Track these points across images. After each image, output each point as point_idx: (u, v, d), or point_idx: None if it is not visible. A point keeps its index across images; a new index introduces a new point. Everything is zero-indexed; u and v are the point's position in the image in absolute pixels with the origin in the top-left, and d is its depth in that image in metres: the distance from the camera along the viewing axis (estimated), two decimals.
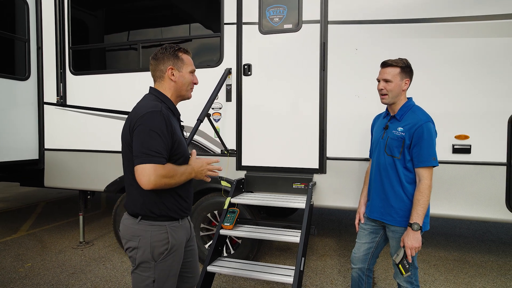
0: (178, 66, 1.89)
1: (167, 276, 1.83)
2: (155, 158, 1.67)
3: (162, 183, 1.68)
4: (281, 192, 3.64)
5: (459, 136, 3.13)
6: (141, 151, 1.67)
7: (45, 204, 7.29)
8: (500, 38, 3.03)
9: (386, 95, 2.30)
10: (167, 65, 1.87)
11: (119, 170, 4.22)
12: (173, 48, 1.89)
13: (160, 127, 1.71)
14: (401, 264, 2.16)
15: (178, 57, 1.89)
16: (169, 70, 1.88)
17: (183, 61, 1.90)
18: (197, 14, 4.09)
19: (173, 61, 1.88)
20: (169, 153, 1.76)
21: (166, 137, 1.73)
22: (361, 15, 3.35)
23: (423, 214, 2.14)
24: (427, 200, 2.14)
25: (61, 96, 4.42)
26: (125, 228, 1.86)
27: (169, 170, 1.71)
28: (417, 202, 2.15)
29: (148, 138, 1.68)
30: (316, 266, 4.02)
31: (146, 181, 1.65)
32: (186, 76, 1.91)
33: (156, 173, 1.65)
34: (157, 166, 1.66)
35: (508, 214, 3.06)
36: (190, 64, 1.93)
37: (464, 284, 3.56)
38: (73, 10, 4.42)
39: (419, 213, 2.13)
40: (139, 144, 1.69)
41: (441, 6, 3.14)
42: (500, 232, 5.32)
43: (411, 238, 2.13)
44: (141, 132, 1.70)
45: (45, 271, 3.84)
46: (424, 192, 2.14)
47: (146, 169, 1.64)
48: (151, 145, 1.67)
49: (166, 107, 1.84)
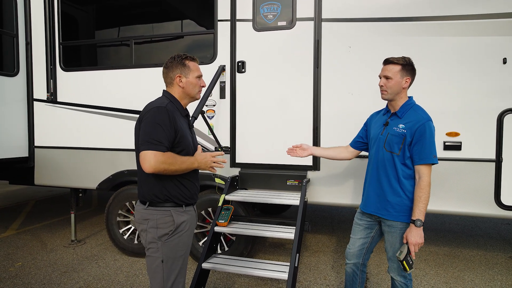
0: (185, 73, 2.12)
1: (174, 256, 2.02)
2: (156, 146, 1.89)
3: (162, 168, 1.89)
4: (275, 189, 3.65)
5: (450, 133, 3.19)
6: (144, 139, 1.91)
7: (35, 202, 7.18)
8: (490, 37, 3.08)
9: (386, 91, 2.33)
10: (176, 73, 2.11)
11: (111, 168, 4.18)
12: (181, 57, 2.12)
13: (163, 120, 1.94)
14: (405, 261, 2.19)
15: (185, 65, 2.12)
16: (177, 77, 2.11)
17: (189, 68, 2.13)
18: (191, 10, 4.06)
19: (180, 69, 2.11)
20: (171, 144, 1.97)
21: (168, 129, 1.94)
22: (354, 13, 3.37)
23: (425, 210, 2.18)
24: (427, 196, 2.18)
25: (52, 93, 4.34)
26: (137, 213, 2.10)
27: (169, 157, 1.92)
28: (419, 199, 2.18)
29: (151, 129, 1.92)
30: (309, 262, 4.05)
31: (147, 166, 1.87)
32: (193, 81, 2.14)
33: (156, 159, 1.87)
34: (157, 152, 1.88)
35: (496, 210, 3.13)
36: (196, 70, 2.16)
37: (454, 278, 3.64)
38: (63, 5, 4.34)
39: (421, 210, 2.17)
40: (144, 134, 1.93)
41: (433, 5, 3.18)
42: (488, 227, 5.44)
43: (414, 234, 2.17)
44: (146, 124, 1.94)
45: (36, 270, 3.79)
46: (425, 189, 2.18)
47: (147, 155, 1.87)
48: (154, 135, 1.90)
49: (173, 105, 2.07)
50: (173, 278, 2.03)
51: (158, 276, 2.01)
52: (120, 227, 4.21)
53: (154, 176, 1.99)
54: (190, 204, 2.14)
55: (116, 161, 4.15)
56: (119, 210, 4.17)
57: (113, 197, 4.21)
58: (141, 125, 1.97)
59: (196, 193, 2.18)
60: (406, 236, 2.21)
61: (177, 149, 2.00)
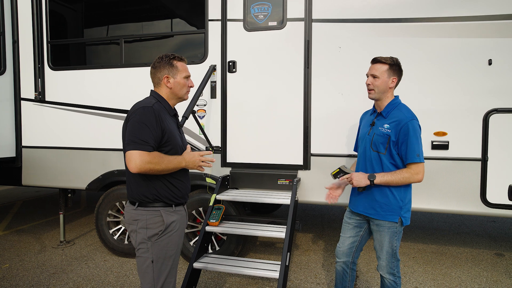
0: (173, 74, 2.10)
1: (164, 256, 2.02)
2: (142, 146, 1.88)
3: (147, 168, 1.88)
4: (266, 189, 3.67)
5: (437, 133, 3.25)
6: (130, 139, 1.90)
7: (22, 203, 7.06)
8: (476, 39, 3.15)
9: (373, 90, 2.36)
10: (163, 73, 2.09)
11: (101, 168, 4.14)
12: (168, 57, 2.10)
13: (149, 120, 1.93)
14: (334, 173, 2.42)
15: (172, 65, 2.10)
16: (164, 78, 2.10)
17: (177, 68, 2.11)
18: (182, 10, 4.05)
19: (168, 69, 2.09)
20: (158, 143, 1.96)
21: (154, 129, 1.93)
22: (344, 14, 3.41)
23: (386, 182, 2.26)
24: (400, 180, 2.25)
25: (40, 92, 4.28)
26: (126, 214, 2.09)
27: (154, 156, 1.91)
28: (395, 173, 2.27)
29: (137, 129, 1.91)
30: (300, 260, 4.08)
31: (133, 166, 1.87)
32: (181, 82, 2.12)
33: (141, 159, 1.86)
34: (142, 152, 1.87)
35: (482, 207, 3.20)
36: (184, 71, 2.14)
37: (442, 275, 3.71)
38: (51, 3, 4.27)
39: (385, 177, 2.26)
40: (129, 133, 1.92)
41: (421, 7, 3.24)
42: (474, 224, 5.56)
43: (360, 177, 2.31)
44: (133, 124, 1.93)
45: (24, 272, 3.74)
46: (406, 176, 2.25)
47: (133, 155, 1.87)
48: (140, 135, 1.89)
49: (160, 105, 2.06)
50: (163, 278, 2.03)
51: (148, 276, 2.01)
52: (110, 228, 4.17)
53: (143, 176, 1.98)
54: (180, 204, 2.13)
55: (105, 161, 4.11)
56: (109, 210, 4.14)
57: (103, 197, 4.17)
58: (127, 125, 1.96)
59: (186, 193, 2.18)
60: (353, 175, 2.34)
61: (165, 149, 2.00)
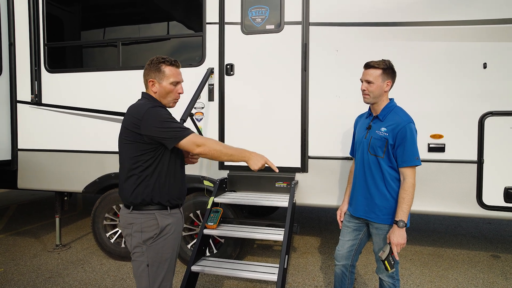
0: (159, 78, 2.03)
1: (159, 260, 2.00)
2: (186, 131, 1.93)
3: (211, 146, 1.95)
4: (264, 191, 3.67)
5: (434, 136, 3.27)
6: (171, 135, 1.90)
7: (17, 206, 7.00)
8: (471, 43, 3.18)
9: (368, 95, 2.37)
10: (149, 77, 2.05)
11: (98, 171, 4.12)
12: (158, 61, 2.03)
13: (167, 114, 1.98)
14: (387, 261, 2.22)
15: (159, 70, 2.02)
16: (149, 82, 2.05)
17: (164, 73, 2.03)
18: (179, 12, 4.05)
19: (154, 73, 2.03)
20: None
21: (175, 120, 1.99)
22: (341, 18, 3.43)
23: (408, 211, 2.22)
24: (411, 198, 2.22)
25: (36, 95, 4.26)
26: (121, 218, 2.07)
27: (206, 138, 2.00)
28: (402, 200, 2.22)
29: (166, 125, 1.90)
30: (298, 263, 4.08)
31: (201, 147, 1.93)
32: (166, 88, 2.04)
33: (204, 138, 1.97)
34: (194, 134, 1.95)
35: (478, 210, 3.23)
36: (172, 76, 2.04)
37: (438, 277, 3.73)
38: (48, 6, 4.26)
39: (404, 211, 2.21)
40: (166, 132, 1.90)
41: (417, 11, 3.27)
42: (470, 226, 5.59)
43: (397, 235, 2.20)
44: (156, 125, 1.89)
45: (19, 276, 3.70)
46: (409, 190, 2.22)
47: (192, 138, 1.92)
48: (174, 126, 1.92)
49: None
50: (159, 282, 2.01)
51: (143, 280, 1.99)
52: (107, 231, 4.15)
53: (136, 179, 1.96)
54: (176, 206, 2.10)
55: (102, 163, 4.09)
56: (105, 213, 4.11)
57: (99, 200, 4.15)
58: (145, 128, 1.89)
59: (182, 195, 2.14)
60: (389, 236, 2.25)
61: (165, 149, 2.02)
